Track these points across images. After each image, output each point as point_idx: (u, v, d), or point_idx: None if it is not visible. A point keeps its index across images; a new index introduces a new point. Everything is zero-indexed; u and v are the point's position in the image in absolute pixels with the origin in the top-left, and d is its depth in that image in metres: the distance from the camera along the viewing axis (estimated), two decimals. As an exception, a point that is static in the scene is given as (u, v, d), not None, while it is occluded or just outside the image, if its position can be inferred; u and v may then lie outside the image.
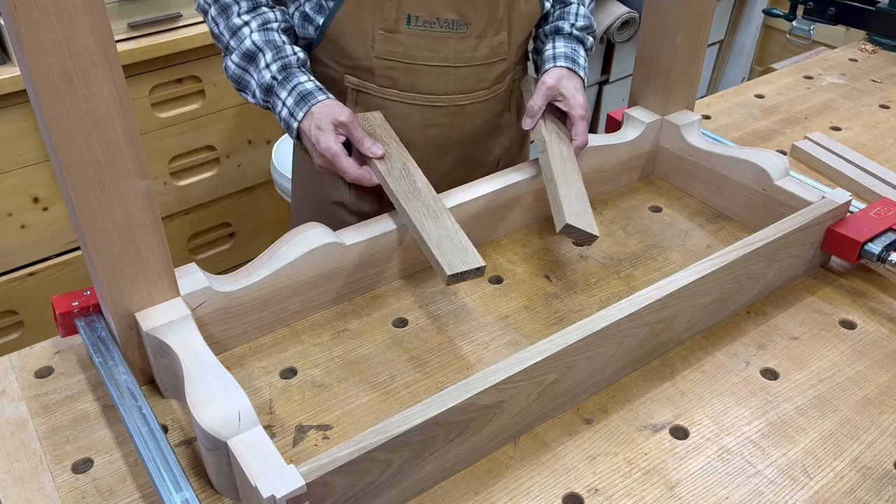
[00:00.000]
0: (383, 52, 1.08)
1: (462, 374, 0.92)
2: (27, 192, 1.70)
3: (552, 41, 1.18)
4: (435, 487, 0.79)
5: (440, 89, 1.12)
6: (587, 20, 1.21)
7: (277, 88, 1.06)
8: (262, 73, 1.06)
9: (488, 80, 1.15)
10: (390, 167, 1.03)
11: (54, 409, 0.86)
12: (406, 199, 0.98)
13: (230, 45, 1.08)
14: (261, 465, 0.68)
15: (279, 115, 1.07)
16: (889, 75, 1.69)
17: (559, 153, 1.09)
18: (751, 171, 1.13)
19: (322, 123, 1.01)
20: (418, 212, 0.97)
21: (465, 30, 1.09)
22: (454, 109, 1.15)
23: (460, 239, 0.94)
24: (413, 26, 1.07)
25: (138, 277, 0.82)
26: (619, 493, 0.78)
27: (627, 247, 1.14)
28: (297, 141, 1.07)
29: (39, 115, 0.70)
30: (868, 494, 0.78)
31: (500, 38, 1.12)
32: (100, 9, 0.66)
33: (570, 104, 1.11)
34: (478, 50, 1.11)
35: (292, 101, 1.04)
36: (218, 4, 1.08)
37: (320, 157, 1.03)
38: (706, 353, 0.95)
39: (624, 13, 2.33)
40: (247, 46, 1.06)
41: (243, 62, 1.07)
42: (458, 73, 1.12)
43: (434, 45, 1.09)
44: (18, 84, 1.56)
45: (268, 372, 0.92)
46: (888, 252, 1.01)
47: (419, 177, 1.02)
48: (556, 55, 1.15)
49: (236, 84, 1.10)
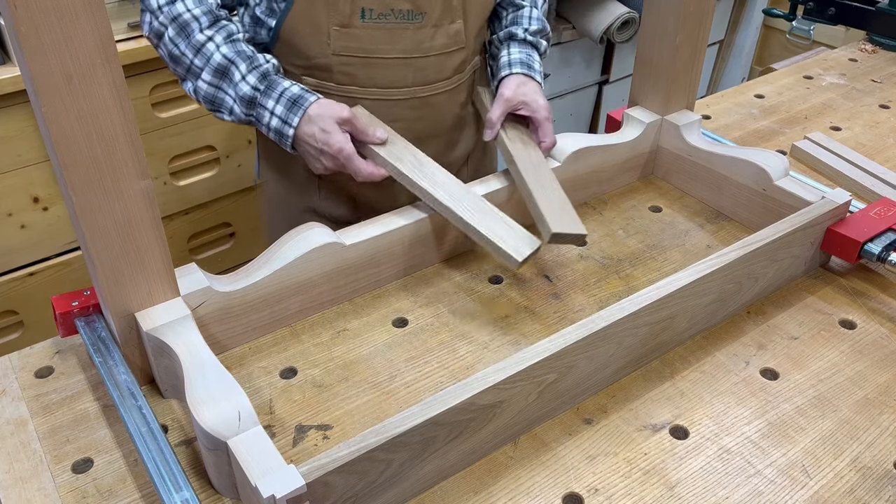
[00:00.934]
0: (340, 49, 1.07)
1: (462, 374, 0.92)
2: (27, 192, 1.70)
3: (507, 47, 1.18)
4: (435, 487, 0.79)
5: (401, 82, 1.12)
6: (540, 23, 1.20)
7: (262, 98, 1.03)
8: (240, 86, 1.02)
9: (448, 70, 1.15)
10: (394, 152, 1.04)
11: (54, 409, 0.86)
12: (422, 181, 1.01)
13: (194, 64, 1.03)
14: (261, 465, 0.68)
15: (267, 126, 1.04)
16: (889, 75, 1.69)
17: (528, 160, 1.09)
18: (751, 171, 1.13)
19: (326, 125, 1.00)
20: (440, 193, 1.00)
21: (421, 19, 1.08)
22: (417, 101, 1.15)
23: (498, 215, 0.99)
24: (368, 19, 1.06)
25: (138, 277, 0.82)
26: (619, 493, 0.78)
27: (627, 247, 1.14)
28: (292, 149, 1.05)
29: (39, 115, 0.70)
30: (868, 494, 0.78)
31: (456, 27, 1.12)
32: (100, 9, 0.66)
33: (533, 108, 1.11)
34: (435, 39, 1.11)
35: (282, 108, 1.02)
36: (176, 24, 1.02)
37: (331, 160, 1.02)
38: (706, 353, 0.95)
39: (624, 13, 2.33)
40: (217, 61, 1.02)
41: (215, 79, 1.03)
42: (417, 63, 1.11)
43: (391, 38, 1.08)
44: (18, 84, 1.56)
45: (268, 372, 0.92)
46: (888, 252, 1.01)
47: (424, 158, 1.04)
48: (512, 62, 1.15)
49: (209, 104, 1.06)
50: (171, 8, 1.02)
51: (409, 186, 1.03)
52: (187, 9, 1.02)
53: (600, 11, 2.35)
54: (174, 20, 1.02)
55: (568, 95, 2.58)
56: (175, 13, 1.02)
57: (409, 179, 1.02)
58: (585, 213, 1.21)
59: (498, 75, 1.15)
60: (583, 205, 1.23)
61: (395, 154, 1.04)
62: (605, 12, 2.35)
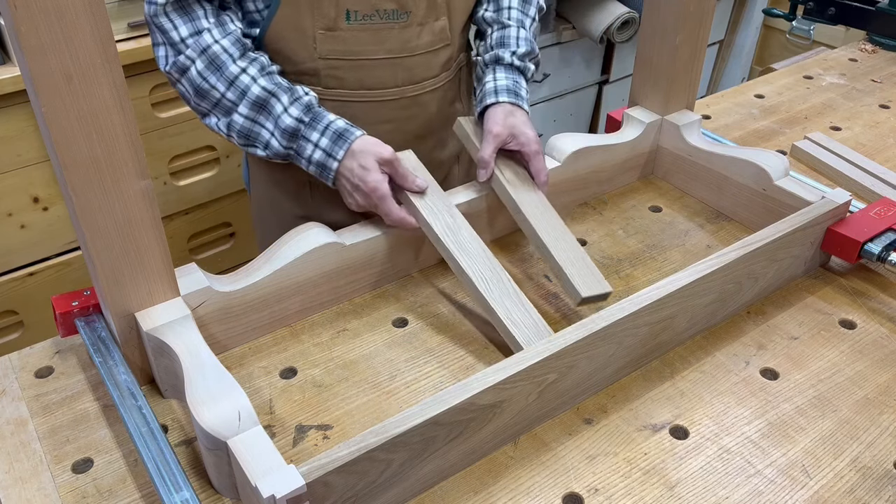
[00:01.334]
0: (326, 52, 1.06)
1: (462, 374, 0.92)
2: (27, 192, 1.70)
3: (492, 72, 1.14)
4: (435, 487, 0.79)
5: (389, 82, 1.11)
6: (528, 45, 1.16)
7: (306, 130, 1.01)
8: (282, 119, 1.00)
9: (435, 68, 1.14)
10: (431, 205, 1.01)
11: (54, 409, 0.86)
12: (457, 252, 0.97)
13: (226, 97, 1.00)
14: (261, 465, 0.68)
15: (309, 159, 1.02)
16: (889, 75, 1.69)
17: (534, 207, 1.04)
18: (751, 171, 1.13)
19: (366, 161, 0.98)
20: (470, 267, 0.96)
21: (406, 18, 1.07)
22: (406, 101, 1.14)
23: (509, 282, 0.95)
24: (353, 21, 1.05)
25: (138, 277, 0.82)
26: (619, 493, 0.78)
27: (627, 247, 1.14)
28: (333, 184, 1.03)
29: (39, 115, 0.70)
30: (868, 494, 0.78)
31: (441, 24, 1.11)
32: (100, 9, 0.66)
33: (522, 141, 1.07)
34: (421, 38, 1.10)
35: (328, 140, 1.00)
36: (206, 56, 0.99)
37: (364, 197, 0.99)
38: (706, 353, 0.95)
39: (624, 13, 2.33)
40: (256, 94, 1.00)
41: (253, 112, 1.01)
42: (404, 63, 1.10)
43: (377, 38, 1.07)
44: (18, 84, 1.56)
45: (268, 372, 0.92)
46: (888, 252, 1.01)
47: (461, 220, 1.01)
48: (498, 89, 1.11)
49: (243, 140, 1.03)
50: (198, 40, 0.99)
51: (436, 244, 1.00)
52: (215, 40, 0.99)
53: (600, 11, 2.35)
54: (203, 53, 0.99)
55: (568, 95, 2.58)
56: (203, 45, 0.99)
57: (440, 241, 0.98)
58: (585, 213, 1.22)
59: (483, 102, 1.12)
60: (583, 205, 1.23)
61: (431, 208, 1.01)
62: (605, 12, 2.35)
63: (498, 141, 1.07)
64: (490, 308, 0.93)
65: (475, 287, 0.94)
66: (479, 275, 0.95)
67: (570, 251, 1.00)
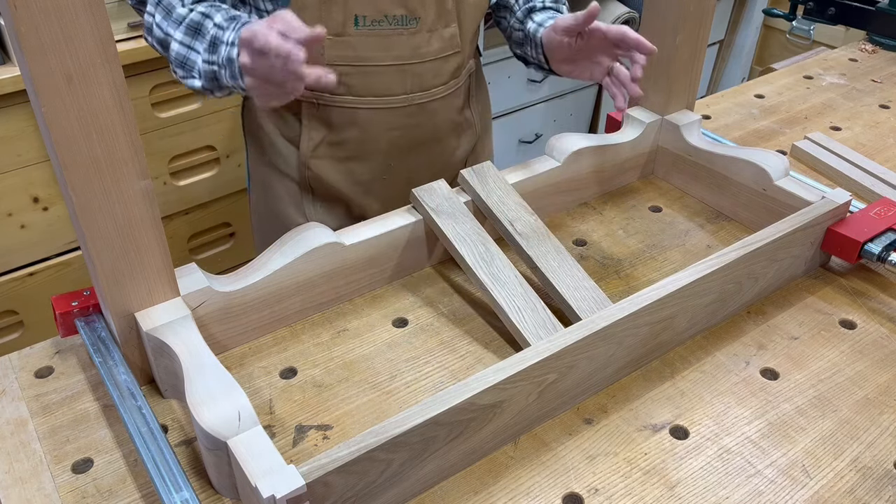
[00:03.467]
0: (334, 58, 1.05)
1: (462, 374, 0.92)
2: (27, 192, 1.70)
3: (530, 20, 1.13)
4: (435, 487, 0.79)
5: (398, 89, 1.10)
6: None
7: (221, 34, 0.92)
8: (210, 33, 0.94)
9: (445, 75, 1.14)
10: (461, 233, 1.00)
11: (54, 409, 0.86)
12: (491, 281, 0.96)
13: (170, 33, 0.95)
14: (261, 465, 0.68)
15: (222, 61, 0.90)
16: (889, 75, 1.69)
17: (547, 257, 0.99)
18: (751, 171, 1.13)
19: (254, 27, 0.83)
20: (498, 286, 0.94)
21: (415, 24, 1.06)
22: (414, 108, 1.13)
23: None
24: (362, 27, 1.03)
25: (138, 277, 0.82)
26: (619, 493, 0.78)
27: (627, 247, 1.14)
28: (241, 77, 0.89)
29: (39, 115, 0.70)
30: (868, 494, 0.78)
31: (451, 31, 1.10)
32: (100, 9, 0.66)
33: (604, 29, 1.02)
34: (430, 44, 1.09)
35: (234, 33, 0.91)
36: (161, 7, 0.97)
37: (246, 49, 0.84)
38: (706, 353, 0.95)
39: (624, 13, 2.33)
40: (191, 18, 0.95)
41: (188, 37, 0.95)
42: (413, 69, 1.09)
43: (386, 44, 1.06)
44: (18, 84, 1.56)
45: (268, 372, 0.92)
46: (888, 252, 1.01)
47: (494, 248, 0.99)
48: (543, 21, 1.10)
49: (181, 69, 0.97)
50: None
51: (466, 271, 0.98)
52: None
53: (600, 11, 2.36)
54: (158, 4, 0.98)
55: (568, 95, 2.58)
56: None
57: (472, 271, 0.97)
58: (585, 213, 1.22)
59: (535, 39, 1.09)
60: (583, 205, 1.23)
61: (461, 236, 0.99)
62: (605, 12, 2.35)
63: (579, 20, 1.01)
64: (525, 340, 0.90)
65: (509, 320, 0.92)
66: (512, 306, 0.93)
67: (589, 299, 0.95)
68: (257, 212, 1.28)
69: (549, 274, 0.97)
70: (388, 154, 1.14)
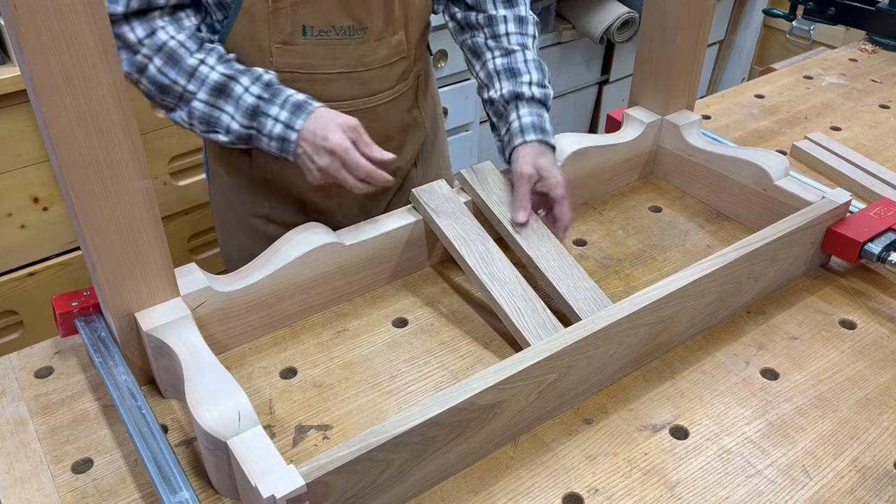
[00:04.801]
0: (282, 66, 1.05)
1: (462, 374, 0.92)
2: (27, 192, 1.70)
3: (515, 109, 1.11)
4: (435, 487, 0.79)
5: (345, 95, 1.10)
6: (538, 69, 1.13)
7: (265, 106, 0.99)
8: (243, 98, 0.99)
9: (391, 80, 1.13)
10: (461, 233, 0.99)
11: (54, 409, 0.86)
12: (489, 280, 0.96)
13: (187, 89, 0.99)
14: (261, 465, 0.68)
15: (269, 134, 0.99)
16: (889, 75, 1.69)
17: (543, 252, 1.01)
18: (751, 171, 1.13)
19: (329, 125, 0.96)
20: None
21: (363, 34, 1.06)
22: (361, 113, 1.11)
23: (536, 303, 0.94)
24: (310, 36, 1.04)
25: (138, 277, 0.82)
26: (619, 493, 0.78)
27: (627, 247, 1.14)
28: (294, 158, 1.00)
29: (39, 115, 0.70)
30: (868, 494, 0.78)
31: (398, 38, 1.10)
32: (100, 9, 0.66)
33: (549, 184, 1.05)
34: (377, 52, 1.09)
35: (287, 113, 0.98)
36: (163, 53, 0.98)
37: (328, 156, 0.96)
38: (706, 353, 0.95)
39: (624, 13, 2.33)
40: (214, 80, 0.98)
41: (212, 97, 0.99)
42: (361, 77, 1.09)
43: (333, 53, 1.06)
44: (18, 84, 1.56)
45: (268, 372, 0.92)
46: (888, 252, 1.01)
47: (494, 249, 0.99)
48: (524, 127, 1.09)
49: (204, 125, 1.01)
50: (154, 39, 0.98)
51: (466, 271, 0.98)
52: (171, 36, 0.99)
53: (600, 11, 2.35)
54: (160, 50, 0.98)
55: (568, 95, 2.59)
56: (159, 42, 0.98)
57: (472, 271, 0.97)
58: (585, 213, 1.22)
59: (512, 143, 1.09)
60: (583, 205, 1.23)
61: (463, 238, 0.99)
62: (605, 12, 2.35)
63: (531, 182, 1.05)
64: (525, 341, 0.90)
65: (510, 320, 0.92)
66: (512, 307, 0.93)
67: (589, 296, 0.95)
68: (218, 210, 1.28)
69: (550, 274, 0.97)
70: None
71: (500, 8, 1.15)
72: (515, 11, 1.15)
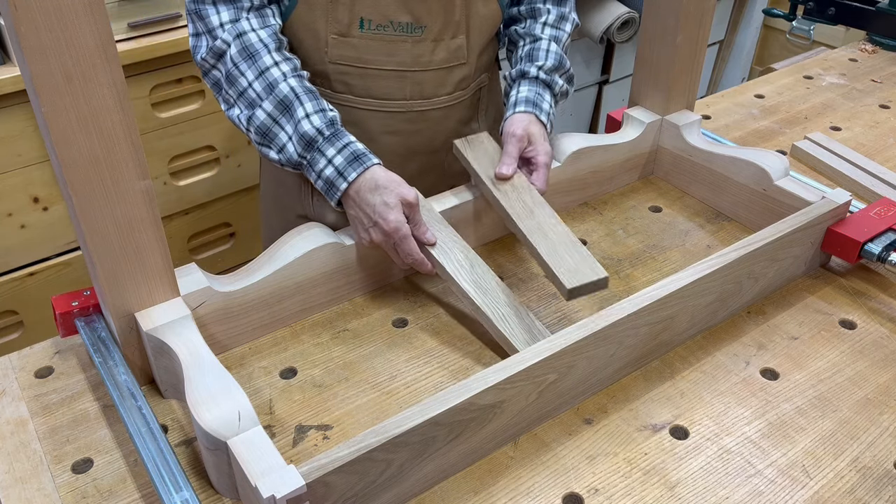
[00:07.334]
0: (337, 57, 1.05)
1: (462, 374, 0.92)
2: (27, 192, 1.70)
3: (517, 86, 1.12)
4: (435, 487, 0.79)
5: (397, 94, 1.09)
6: (557, 59, 1.13)
7: (323, 143, 0.97)
8: (302, 123, 0.97)
9: (448, 86, 1.12)
10: (441, 245, 0.98)
11: (54, 409, 0.86)
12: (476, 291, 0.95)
13: (253, 87, 0.98)
14: (261, 465, 0.68)
15: (320, 174, 0.98)
16: (889, 75, 1.69)
17: (521, 205, 1.01)
18: (751, 171, 1.13)
19: (390, 199, 0.94)
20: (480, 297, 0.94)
21: (420, 33, 1.06)
22: (414, 115, 1.12)
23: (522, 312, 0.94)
24: (366, 30, 1.04)
25: (138, 277, 0.82)
26: (619, 493, 0.78)
27: (627, 247, 1.14)
28: (338, 206, 1.00)
29: (39, 115, 0.70)
30: (868, 494, 0.78)
31: (458, 42, 1.09)
32: (100, 9, 0.66)
33: (537, 150, 1.05)
34: (435, 54, 1.08)
35: (342, 159, 0.97)
36: (241, 41, 0.97)
37: (383, 235, 0.95)
38: (706, 353, 0.95)
39: (624, 13, 2.33)
40: (284, 93, 0.97)
41: (277, 111, 0.98)
42: (415, 77, 1.09)
43: (389, 49, 1.06)
44: (18, 84, 1.56)
45: (268, 372, 0.92)
46: (888, 252, 1.01)
47: (479, 265, 0.98)
48: (518, 100, 1.09)
49: (261, 137, 1.00)
50: (236, 25, 0.98)
51: (449, 282, 0.97)
52: (252, 28, 0.98)
53: (600, 11, 2.35)
54: (238, 37, 0.98)
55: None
56: (240, 30, 0.98)
57: (453, 279, 0.96)
58: (585, 212, 1.22)
59: (504, 115, 1.10)
60: (583, 205, 1.23)
61: (441, 246, 0.98)
62: (605, 12, 2.35)
63: (521, 143, 1.05)
64: (513, 348, 0.90)
65: (496, 328, 0.92)
66: (497, 314, 0.93)
67: (559, 244, 0.95)
68: (264, 199, 1.30)
69: (540, 248, 0.96)
70: (383, 158, 1.13)
71: (547, 2, 1.18)
72: (560, 8, 1.18)
